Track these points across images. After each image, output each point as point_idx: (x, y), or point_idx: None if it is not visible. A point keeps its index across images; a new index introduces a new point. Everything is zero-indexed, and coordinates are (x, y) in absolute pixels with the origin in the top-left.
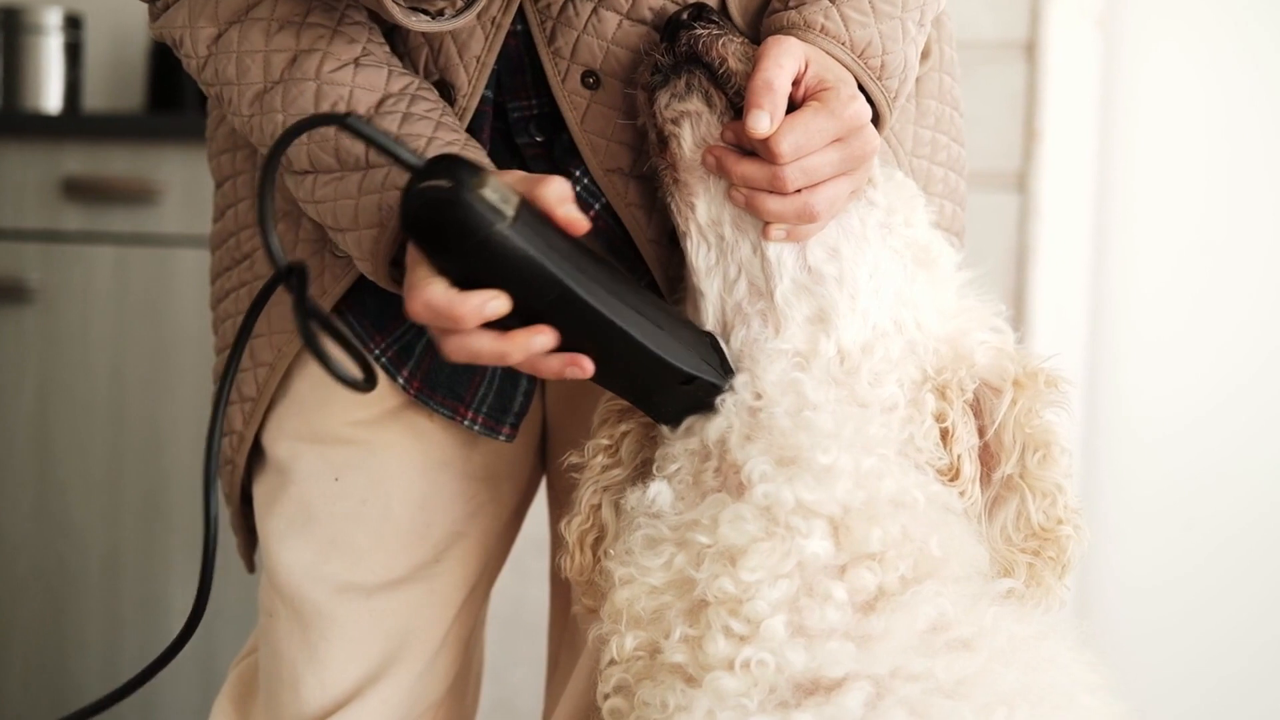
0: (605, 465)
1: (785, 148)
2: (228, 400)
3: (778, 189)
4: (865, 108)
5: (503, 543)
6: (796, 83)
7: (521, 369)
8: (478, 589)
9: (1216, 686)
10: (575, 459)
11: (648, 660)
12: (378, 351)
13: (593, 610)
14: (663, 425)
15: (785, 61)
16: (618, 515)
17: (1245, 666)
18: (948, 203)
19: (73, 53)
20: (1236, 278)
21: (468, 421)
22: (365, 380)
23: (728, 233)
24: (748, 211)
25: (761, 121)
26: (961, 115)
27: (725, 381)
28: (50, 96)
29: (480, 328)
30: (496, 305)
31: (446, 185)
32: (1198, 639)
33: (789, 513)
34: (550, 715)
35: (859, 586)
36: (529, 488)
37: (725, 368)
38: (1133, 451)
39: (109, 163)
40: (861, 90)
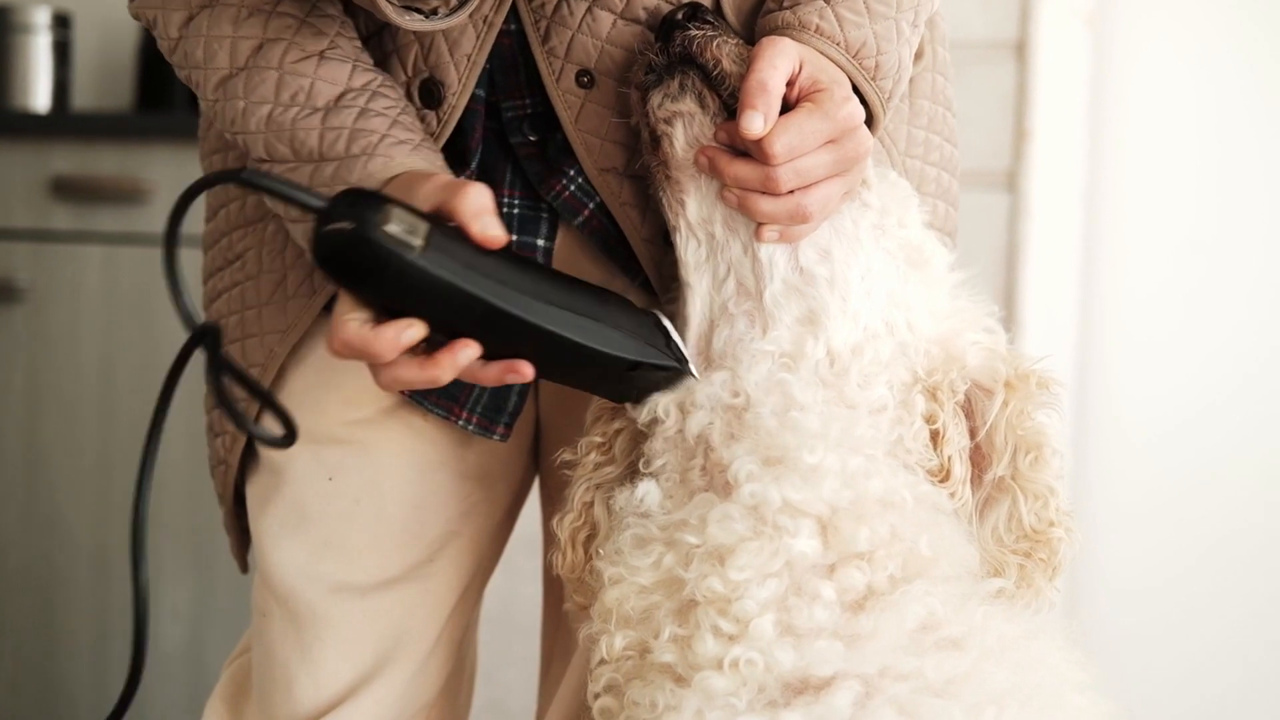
0: (598, 462)
1: (778, 149)
2: (152, 473)
3: (770, 190)
4: (859, 109)
5: (496, 542)
6: (790, 83)
7: (465, 380)
8: (471, 589)
9: (1205, 687)
10: (568, 456)
11: (637, 660)
12: None
13: (584, 608)
14: (630, 410)
15: (779, 62)
16: (609, 513)
17: (1234, 668)
18: (940, 203)
19: (61, 51)
20: (1227, 278)
21: (462, 422)
22: (284, 437)
23: (718, 231)
24: (740, 212)
25: (755, 122)
26: (954, 116)
27: (672, 360)
28: (39, 95)
29: (405, 355)
30: (411, 334)
31: (349, 227)
32: (1186, 640)
33: (776, 512)
34: (543, 715)
35: (848, 586)
36: (522, 487)
37: (672, 346)
38: (1122, 452)
39: (98, 162)
40: (855, 91)
